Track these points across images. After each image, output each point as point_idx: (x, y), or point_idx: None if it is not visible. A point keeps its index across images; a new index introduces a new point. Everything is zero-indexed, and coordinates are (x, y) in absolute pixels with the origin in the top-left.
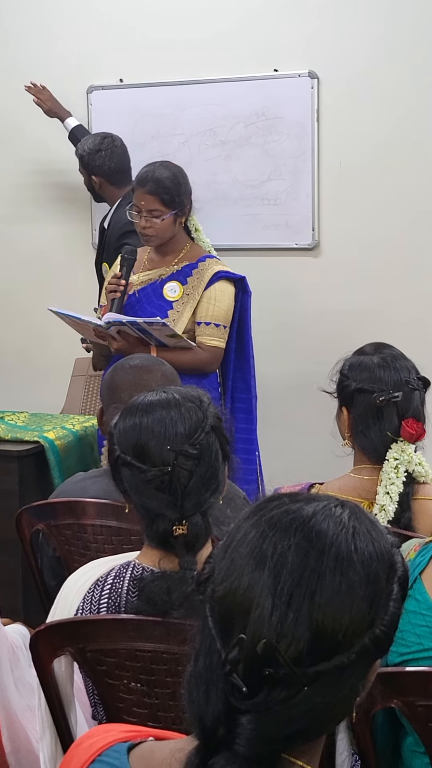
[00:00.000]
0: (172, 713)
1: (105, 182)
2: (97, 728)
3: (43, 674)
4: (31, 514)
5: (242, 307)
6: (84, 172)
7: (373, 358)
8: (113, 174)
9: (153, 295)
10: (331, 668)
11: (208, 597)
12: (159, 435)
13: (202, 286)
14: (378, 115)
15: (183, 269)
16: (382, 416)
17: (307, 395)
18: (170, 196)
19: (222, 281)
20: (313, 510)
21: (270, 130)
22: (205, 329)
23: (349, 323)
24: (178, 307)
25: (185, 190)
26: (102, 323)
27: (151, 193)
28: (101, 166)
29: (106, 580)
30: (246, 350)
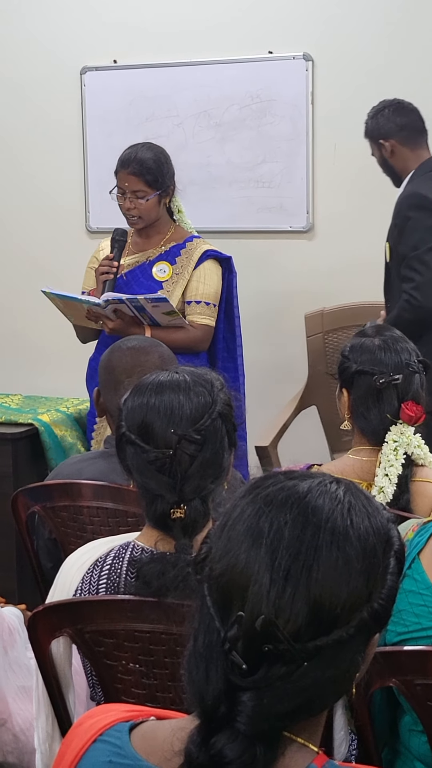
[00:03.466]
0: (171, 694)
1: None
2: (98, 708)
3: (41, 655)
4: (27, 496)
5: (228, 286)
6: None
7: (374, 341)
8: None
9: (142, 276)
10: (330, 643)
11: (206, 576)
12: (165, 417)
13: (192, 266)
14: (372, 98)
15: (171, 249)
16: (382, 398)
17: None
18: (154, 176)
19: (210, 260)
20: (309, 486)
21: (264, 113)
22: (195, 308)
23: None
24: (168, 287)
25: (168, 170)
26: (100, 302)
27: (134, 174)
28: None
29: (105, 561)
30: (233, 330)
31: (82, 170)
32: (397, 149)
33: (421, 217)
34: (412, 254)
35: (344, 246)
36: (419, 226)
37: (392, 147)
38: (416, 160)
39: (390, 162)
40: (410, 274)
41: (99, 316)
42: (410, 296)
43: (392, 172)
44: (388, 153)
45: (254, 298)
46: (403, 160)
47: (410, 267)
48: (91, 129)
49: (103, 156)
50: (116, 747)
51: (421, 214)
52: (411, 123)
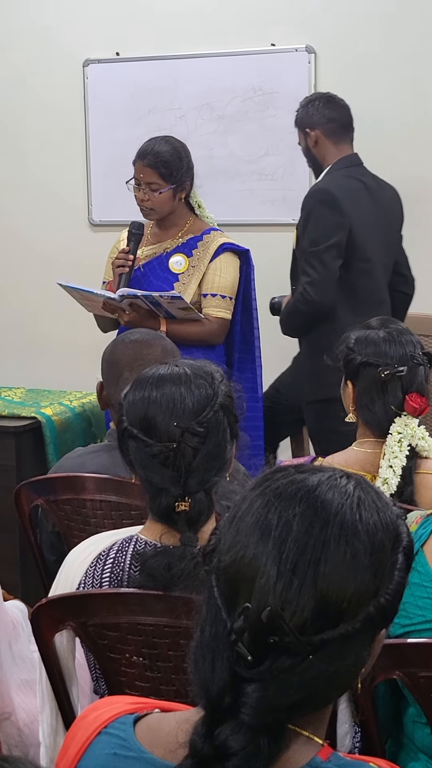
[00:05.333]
0: (174, 687)
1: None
2: (103, 700)
3: (45, 648)
4: (30, 489)
5: (246, 280)
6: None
7: (379, 333)
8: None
9: (158, 268)
10: (336, 637)
11: (214, 567)
12: (167, 410)
13: (208, 258)
14: (375, 90)
15: (188, 242)
16: (386, 390)
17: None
18: (169, 170)
19: (227, 253)
20: (318, 480)
21: (267, 105)
22: (211, 301)
23: None
24: (184, 280)
25: (186, 165)
26: (116, 296)
27: (150, 167)
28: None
29: (109, 554)
30: (251, 323)
31: (85, 163)
32: (321, 140)
33: (325, 213)
34: (312, 249)
35: None
36: (322, 221)
37: (317, 137)
38: (337, 154)
39: (313, 152)
40: (308, 269)
41: (115, 308)
42: (305, 290)
43: (315, 163)
44: (312, 143)
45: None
46: (325, 152)
47: (308, 262)
48: (94, 121)
49: (105, 148)
50: (121, 739)
51: (325, 210)
52: (339, 117)
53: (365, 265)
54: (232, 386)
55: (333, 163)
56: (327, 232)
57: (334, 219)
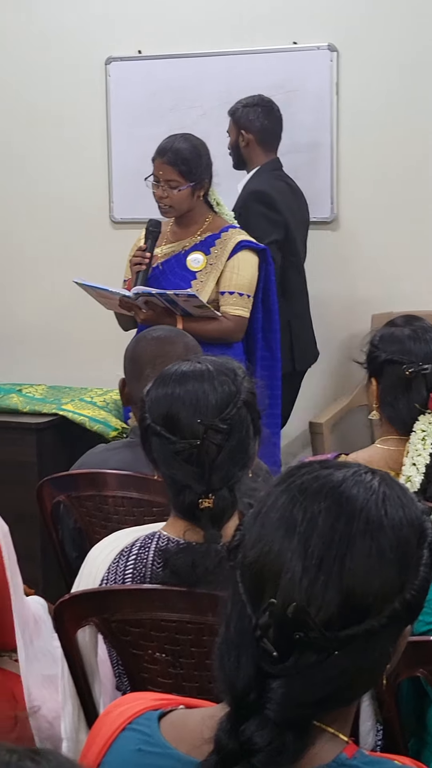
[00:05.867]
0: (197, 683)
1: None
2: (127, 697)
3: (68, 644)
4: (52, 485)
5: (266, 277)
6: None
7: (404, 330)
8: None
9: (177, 266)
10: (362, 632)
11: (239, 563)
12: (190, 407)
13: (225, 256)
14: (398, 88)
15: (206, 240)
16: (410, 388)
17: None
18: (188, 168)
19: (245, 250)
20: (343, 476)
21: (289, 103)
22: (229, 298)
23: (368, 297)
24: (202, 278)
25: (205, 163)
26: (131, 294)
27: (169, 164)
28: (255, 121)
29: (131, 551)
30: (273, 321)
31: (106, 161)
32: (253, 145)
33: (264, 211)
34: None
35: (368, 236)
36: (261, 219)
37: (249, 141)
38: (264, 159)
39: (242, 150)
40: None
41: (131, 306)
42: None
43: (239, 157)
44: (244, 144)
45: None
46: (254, 155)
47: None
48: (116, 119)
49: (127, 146)
50: (145, 735)
51: (263, 209)
52: (273, 128)
53: (294, 259)
54: (253, 382)
55: (261, 166)
56: (267, 229)
57: (272, 217)
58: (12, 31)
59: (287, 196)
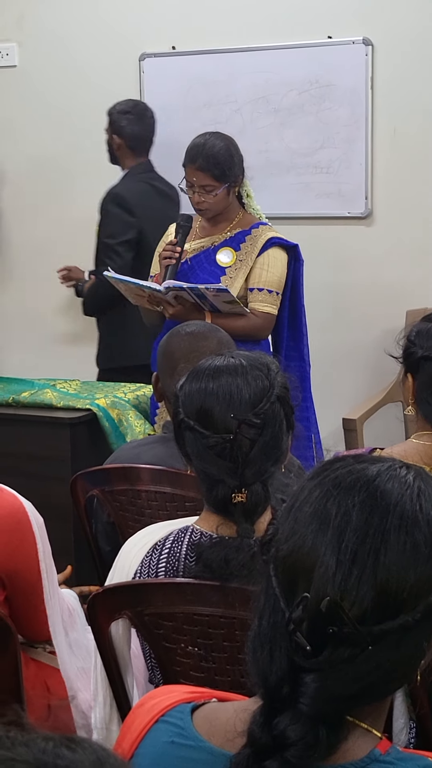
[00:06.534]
0: (230, 677)
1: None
2: (160, 689)
3: (101, 637)
4: (86, 479)
5: (294, 275)
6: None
7: None
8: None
9: (206, 261)
10: (396, 627)
11: (272, 557)
12: (224, 401)
13: (255, 253)
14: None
15: (236, 236)
16: None
17: (358, 365)
18: (221, 170)
19: (275, 248)
20: (378, 470)
21: (323, 98)
22: (257, 295)
23: (402, 293)
24: (231, 274)
25: (237, 161)
26: (161, 288)
27: (202, 170)
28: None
29: (165, 545)
30: (299, 318)
31: None
32: (123, 149)
33: (119, 213)
34: (110, 243)
35: (403, 232)
36: (116, 220)
37: (120, 145)
38: (133, 162)
39: (115, 152)
40: (106, 260)
41: (160, 301)
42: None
43: (113, 157)
44: (116, 146)
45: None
46: (125, 158)
47: (107, 254)
48: None
49: (161, 142)
50: (178, 728)
51: (119, 211)
52: (143, 135)
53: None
54: (286, 378)
55: (130, 168)
56: (121, 230)
57: (126, 218)
58: (47, 29)
59: (147, 199)
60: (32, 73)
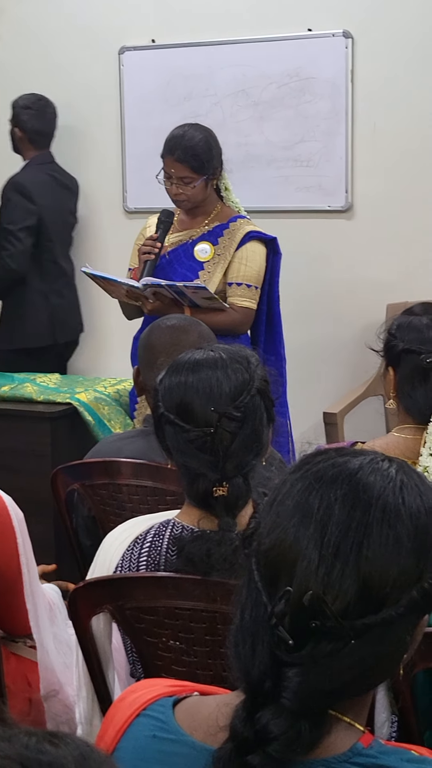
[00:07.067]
0: (211, 671)
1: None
2: (141, 683)
3: (82, 632)
4: (67, 473)
5: (272, 268)
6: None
7: (422, 319)
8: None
9: (184, 256)
10: (379, 621)
11: (254, 550)
12: (204, 395)
13: (234, 247)
14: (413, 75)
15: (214, 230)
16: (428, 378)
17: (338, 358)
18: (200, 162)
19: (253, 241)
20: (360, 463)
21: (303, 91)
22: (236, 290)
23: (383, 286)
24: (209, 268)
25: (216, 153)
26: (139, 285)
27: (180, 161)
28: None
29: (146, 538)
30: (275, 312)
31: (120, 150)
32: (24, 142)
33: (19, 200)
34: (9, 227)
35: (383, 225)
36: (17, 207)
37: (21, 137)
38: (33, 154)
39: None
40: (6, 245)
41: (138, 296)
42: (5, 262)
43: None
44: (17, 138)
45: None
46: (24, 150)
47: (7, 239)
48: (129, 108)
49: (140, 136)
50: (160, 722)
51: (18, 198)
52: (44, 129)
53: (49, 244)
54: (267, 370)
55: (30, 159)
56: (20, 216)
57: (26, 206)
58: (25, 22)
59: (47, 187)
60: (11, 66)
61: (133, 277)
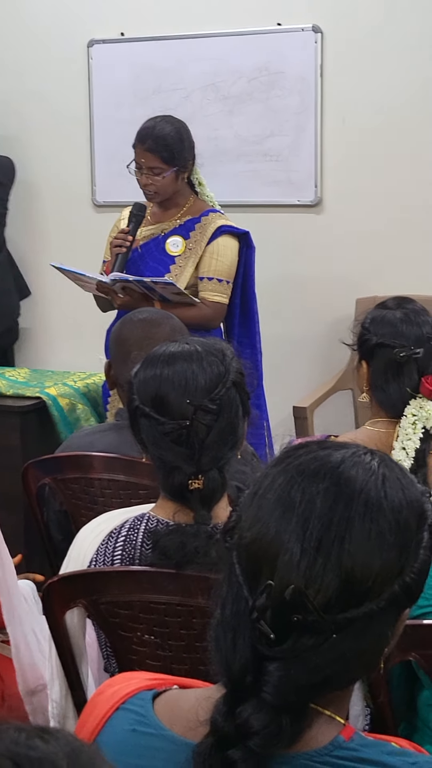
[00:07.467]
0: (186, 665)
1: None
2: (119, 676)
3: (55, 626)
4: (38, 468)
5: (246, 262)
6: None
7: (396, 313)
8: None
9: (155, 250)
10: (360, 615)
11: (235, 544)
12: (179, 388)
13: (205, 241)
14: (382, 71)
15: (186, 224)
16: (402, 372)
17: (308, 353)
18: (170, 153)
19: (225, 236)
20: (342, 457)
21: (273, 86)
22: (207, 284)
23: (352, 281)
24: (181, 262)
25: (187, 145)
26: (108, 280)
27: (150, 151)
28: None
29: (120, 532)
30: (250, 306)
31: (89, 144)
32: None
33: None
34: None
35: (352, 220)
36: None
37: None
38: None
39: None
40: None
41: (108, 291)
42: None
43: None
44: None
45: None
46: None
47: None
48: (98, 102)
49: (110, 129)
50: (139, 716)
51: None
52: None
53: None
54: (241, 363)
55: None
56: None
57: None
58: None
59: None
60: None
61: (106, 270)
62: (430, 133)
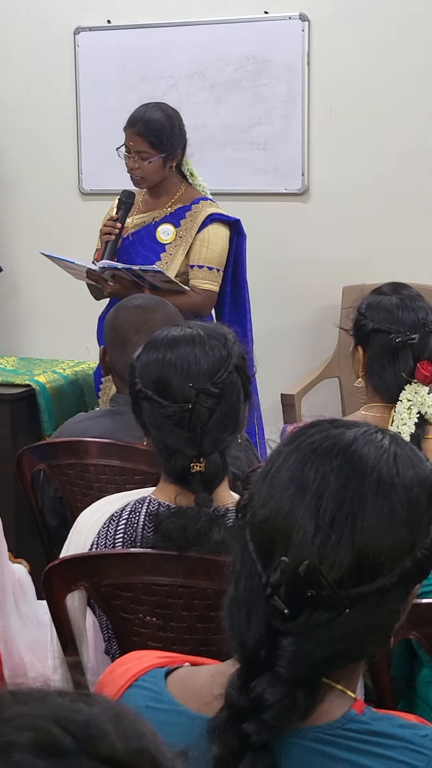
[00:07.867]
0: (188, 647)
1: None
2: (130, 655)
3: (56, 609)
4: (32, 454)
5: (237, 250)
6: None
7: (392, 299)
8: None
9: (146, 237)
10: (373, 591)
11: (248, 522)
12: (181, 371)
13: (195, 229)
14: (369, 59)
15: (176, 212)
16: (397, 357)
17: (295, 340)
18: (159, 139)
19: (216, 224)
20: (354, 435)
21: (260, 74)
22: (198, 272)
23: (339, 269)
24: (171, 250)
25: (177, 133)
26: (97, 268)
27: (139, 135)
28: None
29: (122, 515)
30: (242, 294)
31: (75, 131)
32: None
33: None
34: None
35: (339, 209)
36: None
37: None
38: None
39: None
40: None
41: (98, 279)
42: None
43: None
44: None
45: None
46: None
47: None
48: (85, 90)
49: (96, 117)
50: (153, 692)
51: None
52: None
53: None
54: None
55: None
56: None
57: None
58: None
59: None
60: None
61: (97, 257)
62: (417, 122)
